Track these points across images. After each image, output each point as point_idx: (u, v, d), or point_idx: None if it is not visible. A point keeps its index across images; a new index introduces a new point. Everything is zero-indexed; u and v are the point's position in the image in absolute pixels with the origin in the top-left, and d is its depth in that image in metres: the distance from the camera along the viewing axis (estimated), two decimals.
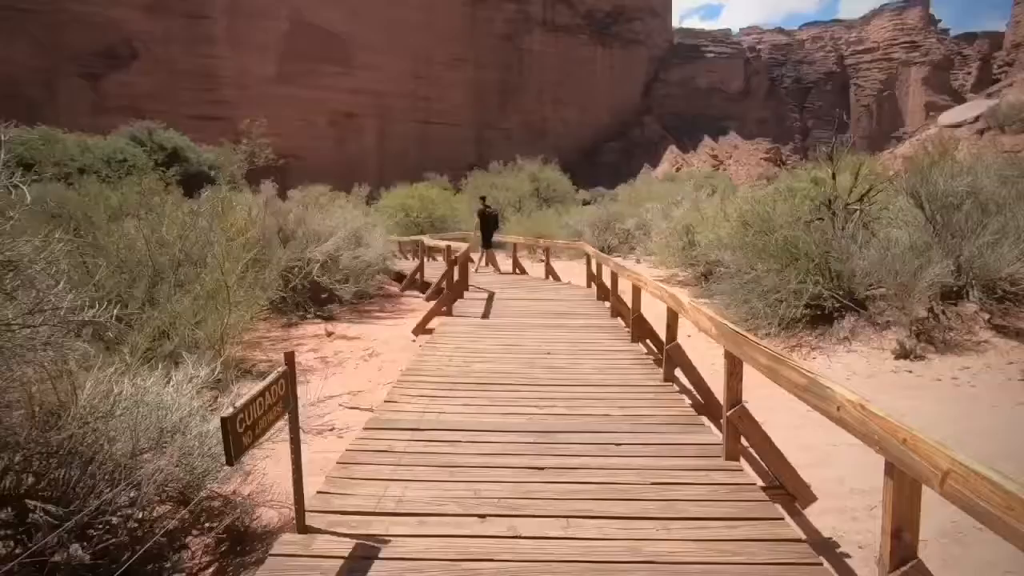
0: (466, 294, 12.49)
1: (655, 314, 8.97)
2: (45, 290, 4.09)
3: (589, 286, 13.56)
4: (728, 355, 4.13)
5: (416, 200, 29.10)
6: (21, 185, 3.62)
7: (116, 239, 9.32)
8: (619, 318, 9.99)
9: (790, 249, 10.00)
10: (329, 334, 11.02)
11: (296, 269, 11.78)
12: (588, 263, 13.93)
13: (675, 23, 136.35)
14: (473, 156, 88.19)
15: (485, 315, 10.24)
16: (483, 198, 20.44)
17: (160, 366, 5.71)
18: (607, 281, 10.97)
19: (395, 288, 16.20)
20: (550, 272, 16.33)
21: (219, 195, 10.83)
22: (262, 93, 77.57)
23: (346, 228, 12.92)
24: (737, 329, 4.04)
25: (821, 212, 11.08)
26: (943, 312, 8.98)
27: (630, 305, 8.48)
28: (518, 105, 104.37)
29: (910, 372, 7.93)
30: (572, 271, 17.62)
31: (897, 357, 8.22)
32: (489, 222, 17.96)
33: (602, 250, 21.84)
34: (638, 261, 20.03)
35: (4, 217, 3.50)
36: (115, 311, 4.36)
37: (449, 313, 10.40)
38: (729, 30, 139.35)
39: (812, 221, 10.66)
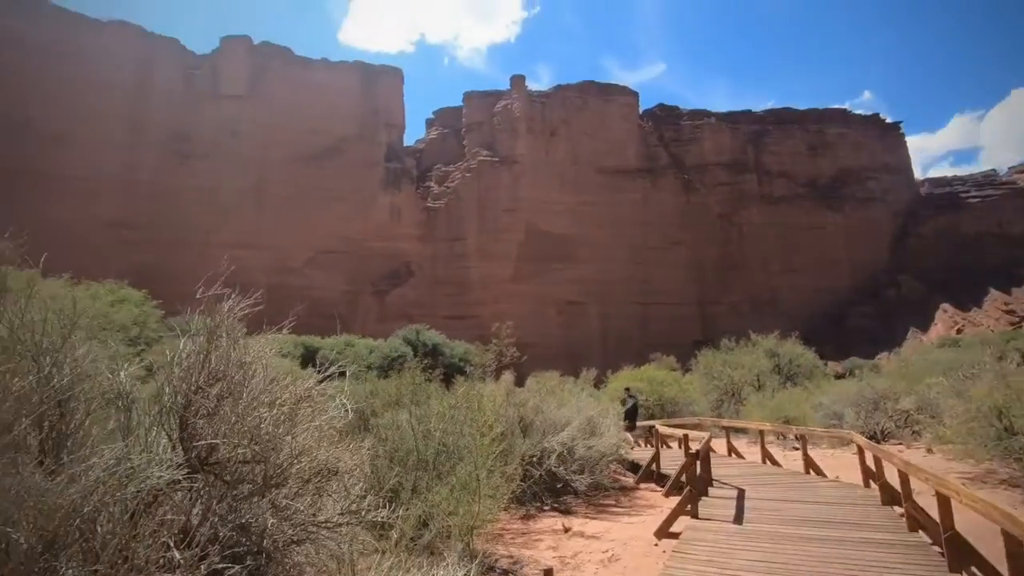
0: (711, 490, 11.26)
1: (971, 521, 6.85)
2: (348, 487, 4.86)
3: (867, 485, 11.16)
4: None
5: (644, 382, 28.69)
6: (347, 404, 4.57)
7: (392, 431, 10.87)
8: (921, 533, 7.85)
9: None
10: (566, 530, 10.71)
11: (534, 459, 12.14)
12: (861, 456, 11.64)
13: (918, 174, 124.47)
14: (697, 333, 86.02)
15: (737, 519, 8.99)
16: (627, 388, 23.16)
17: (422, 560, 6.11)
18: (894, 481, 8.94)
19: (630, 479, 15.43)
20: (810, 465, 13.97)
21: (472, 390, 12.14)
22: (501, 291, 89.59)
23: (580, 416, 13.16)
24: None
25: None
26: None
27: (937, 518, 6.65)
28: (741, 278, 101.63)
29: None
30: (837, 463, 14.88)
31: None
32: (629, 409, 19.75)
33: (872, 437, 18.28)
34: (929, 451, 16.14)
35: (336, 431, 4.39)
36: (400, 512, 4.95)
37: (694, 514, 9.39)
38: (994, 171, 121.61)
39: None
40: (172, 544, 2.96)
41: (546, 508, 12.25)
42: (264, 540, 3.53)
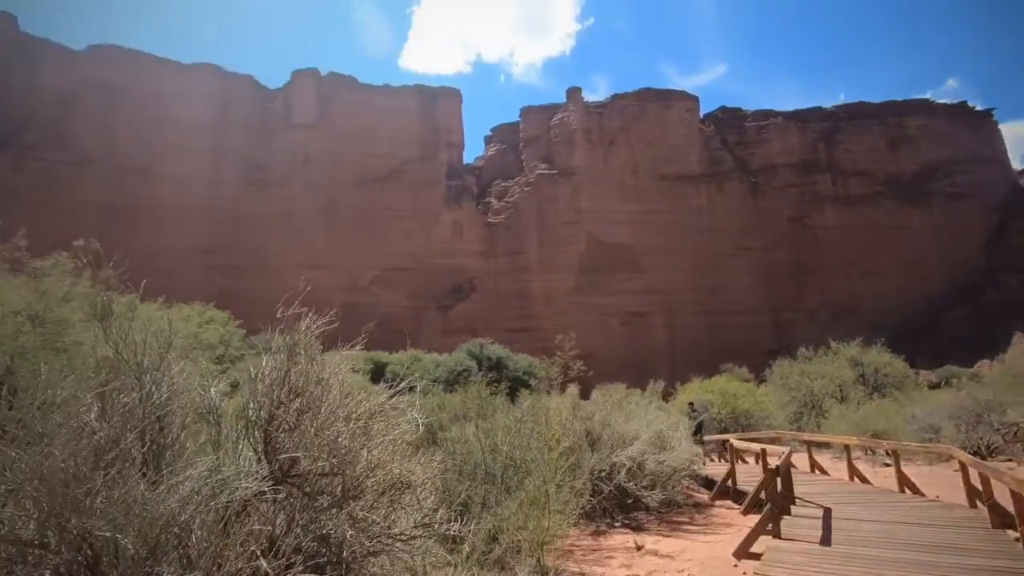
0: (793, 509, 10.62)
1: None
2: (421, 500, 4.94)
3: (973, 506, 10.19)
4: None
5: (715, 394, 27.60)
6: (418, 418, 4.66)
7: (460, 445, 10.97)
8: None
9: None
10: (639, 548, 10.40)
11: (603, 473, 11.91)
12: (964, 474, 10.66)
13: (1016, 164, 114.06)
14: (771, 342, 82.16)
15: (824, 541, 8.41)
16: (691, 403, 23.12)
17: (494, 574, 6.09)
18: (1006, 502, 8.11)
19: (703, 496, 14.83)
20: (904, 483, 12.91)
21: (538, 403, 12.11)
22: (563, 304, 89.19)
23: (649, 430, 12.82)
24: None
25: None
26: None
27: None
28: (818, 284, 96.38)
29: None
30: (936, 481, 13.70)
31: None
32: (696, 425, 19.62)
33: (976, 452, 16.75)
34: None
35: (408, 444, 4.48)
36: (472, 526, 4.99)
37: (776, 534, 8.88)
38: None
39: None
40: (259, 553, 3.10)
41: (617, 524, 11.97)
42: (343, 551, 3.64)
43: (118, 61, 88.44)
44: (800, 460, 17.58)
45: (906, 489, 12.75)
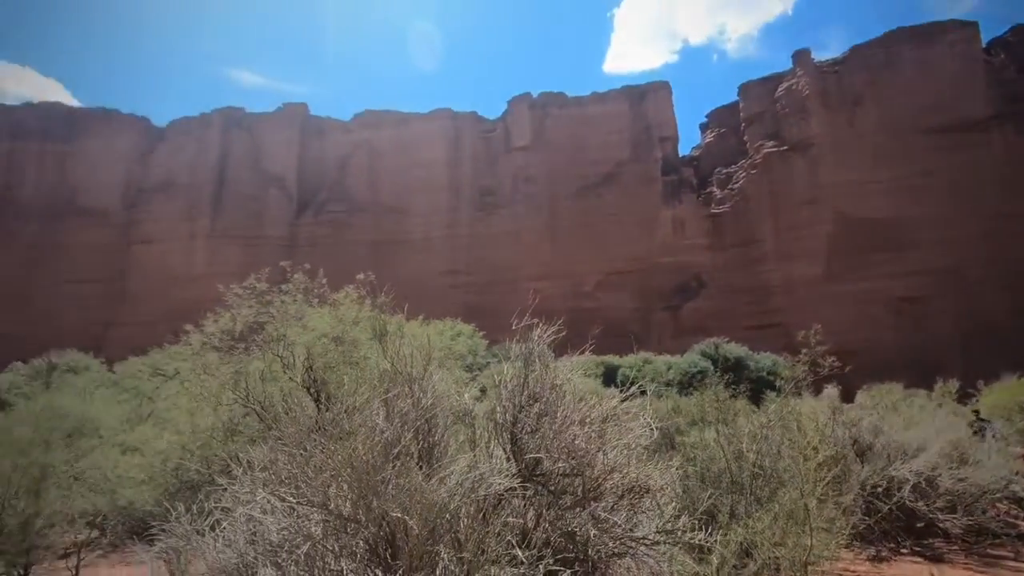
0: None
1: None
2: (661, 506, 4.87)
3: None
4: None
5: None
6: (651, 423, 4.63)
7: (700, 451, 10.50)
8: None
9: None
10: None
11: (878, 489, 10.20)
12: None
13: None
14: None
15: None
16: (976, 412, 20.23)
17: None
18: None
19: None
20: None
21: (787, 407, 10.94)
22: (810, 294, 78.90)
23: (940, 440, 10.56)
24: None
25: None
26: None
27: None
28: None
29: None
30: None
31: None
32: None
33: None
34: None
35: (644, 449, 4.49)
36: (719, 536, 4.75)
37: None
38: None
39: None
40: (514, 543, 3.43)
41: (903, 551, 10.13)
42: (588, 549, 3.80)
43: (375, 122, 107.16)
44: None
45: None
